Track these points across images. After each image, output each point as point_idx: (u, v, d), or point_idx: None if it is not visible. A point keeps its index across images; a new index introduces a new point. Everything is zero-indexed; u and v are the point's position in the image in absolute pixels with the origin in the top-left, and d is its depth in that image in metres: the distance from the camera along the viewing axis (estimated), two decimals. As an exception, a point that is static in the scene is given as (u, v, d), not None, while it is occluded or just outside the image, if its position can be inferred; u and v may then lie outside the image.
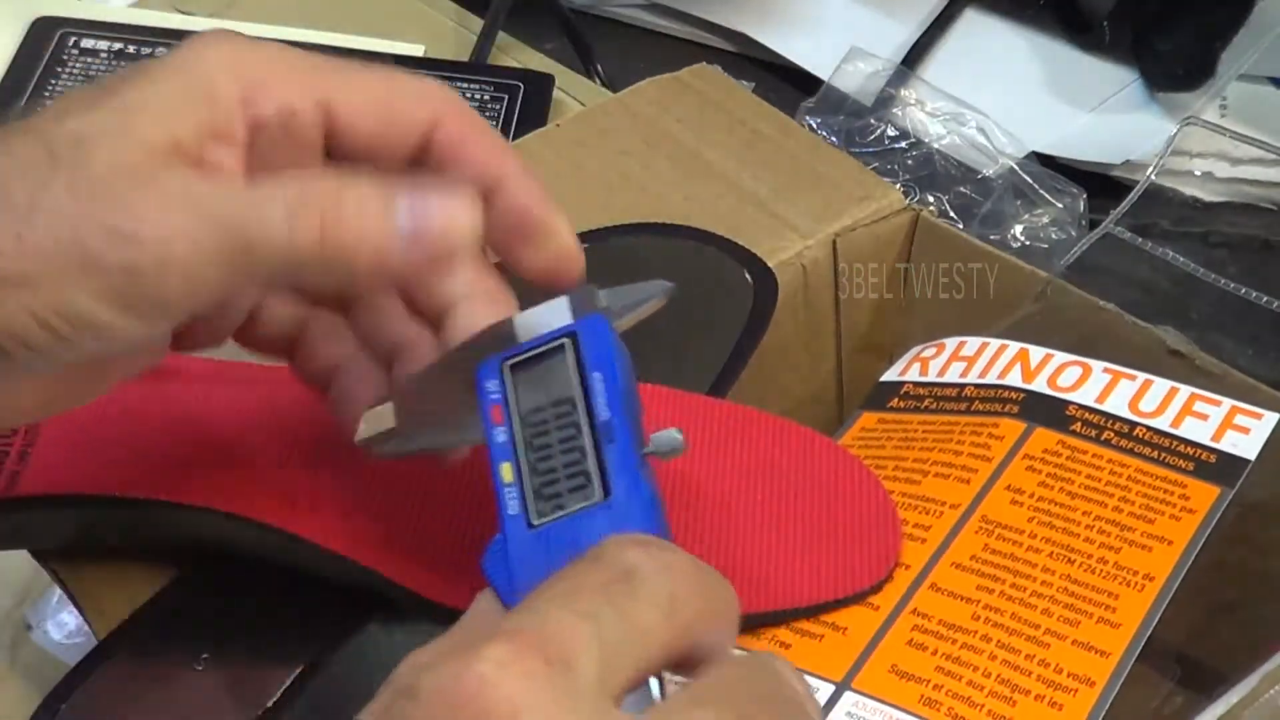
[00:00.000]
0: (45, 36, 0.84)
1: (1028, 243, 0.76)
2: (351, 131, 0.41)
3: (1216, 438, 0.48)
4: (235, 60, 0.40)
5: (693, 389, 0.51)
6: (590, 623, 0.30)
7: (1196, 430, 0.49)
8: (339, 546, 0.45)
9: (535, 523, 0.36)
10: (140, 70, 0.39)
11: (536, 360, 0.38)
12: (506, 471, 0.36)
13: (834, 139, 0.80)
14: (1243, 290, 0.69)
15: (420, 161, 0.42)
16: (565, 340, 0.38)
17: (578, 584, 0.31)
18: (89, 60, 0.83)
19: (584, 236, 0.57)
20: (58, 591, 0.56)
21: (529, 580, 0.34)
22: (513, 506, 0.36)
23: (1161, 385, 0.51)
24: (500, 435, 0.37)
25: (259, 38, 0.42)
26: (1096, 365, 0.52)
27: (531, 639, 0.30)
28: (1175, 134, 0.77)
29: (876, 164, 0.77)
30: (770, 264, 0.58)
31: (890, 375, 0.57)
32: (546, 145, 0.66)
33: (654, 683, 0.33)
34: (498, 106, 0.81)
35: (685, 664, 0.32)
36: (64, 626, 0.60)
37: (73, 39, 0.84)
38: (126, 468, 0.47)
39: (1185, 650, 0.49)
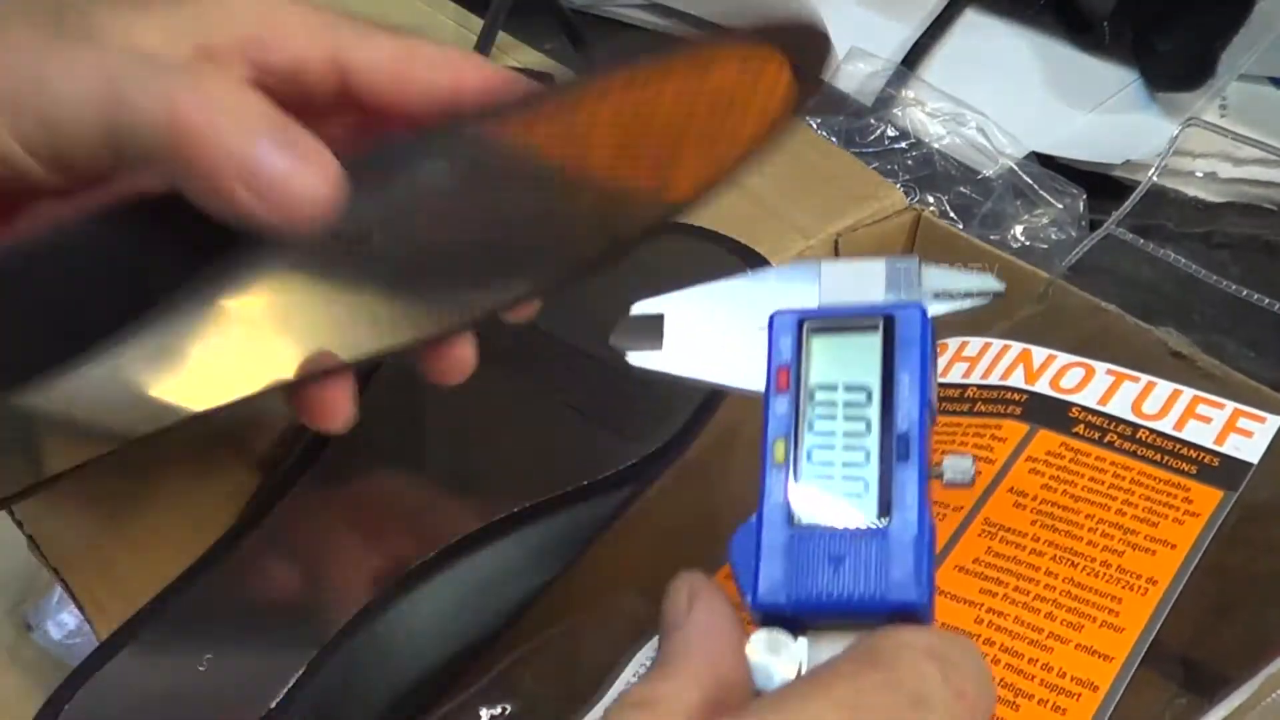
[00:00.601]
0: (44, 34, 0.84)
1: (1028, 243, 0.76)
2: (368, 91, 0.42)
3: (1219, 441, 0.48)
4: (252, 6, 0.41)
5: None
6: None
7: (1199, 433, 0.49)
8: None
9: (798, 520, 0.33)
10: None
11: (839, 330, 0.35)
12: (779, 450, 0.34)
13: (834, 139, 0.80)
14: (1244, 292, 0.69)
15: None
16: (879, 321, 0.35)
17: (864, 698, 0.29)
18: (88, 58, 0.83)
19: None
20: (58, 591, 0.56)
21: (773, 577, 0.32)
22: (777, 493, 0.33)
23: (1165, 388, 0.50)
24: (782, 405, 0.34)
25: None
26: (1100, 367, 0.52)
27: None
28: (1177, 135, 0.77)
29: (876, 164, 0.77)
30: (771, 263, 0.58)
31: (892, 376, 0.57)
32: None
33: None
34: (498, 106, 0.81)
35: None
36: (64, 626, 0.60)
37: (72, 37, 0.84)
38: None
39: (1188, 653, 0.49)
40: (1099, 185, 0.79)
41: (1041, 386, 0.52)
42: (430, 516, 0.48)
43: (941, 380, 0.55)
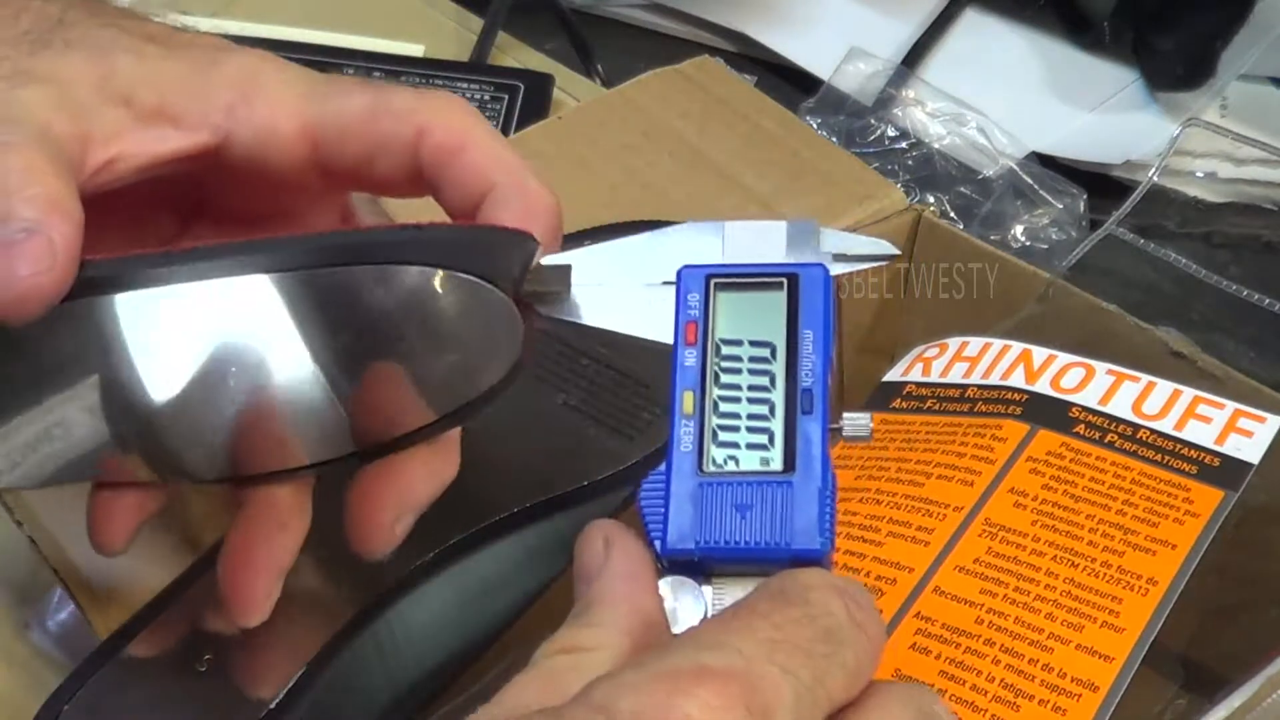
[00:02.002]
0: (44, 34, 0.84)
1: (1028, 243, 0.76)
2: (339, 153, 0.42)
3: (1220, 441, 0.48)
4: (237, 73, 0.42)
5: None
6: (792, 682, 0.30)
7: (1200, 433, 0.49)
8: None
9: (706, 469, 0.34)
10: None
11: (745, 287, 0.36)
12: (688, 401, 0.35)
13: (834, 139, 0.80)
14: (1244, 292, 0.69)
15: (420, 177, 0.42)
16: (783, 279, 0.36)
17: (783, 634, 0.31)
18: (88, 58, 0.83)
19: (586, 234, 0.58)
20: (58, 591, 0.56)
21: (682, 524, 0.33)
22: (686, 442, 0.34)
23: (1165, 387, 0.50)
24: (690, 358, 0.35)
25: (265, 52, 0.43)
26: (1100, 367, 0.52)
27: (739, 689, 0.29)
28: (1177, 135, 0.77)
29: (877, 164, 0.77)
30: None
31: (893, 375, 0.57)
32: (548, 139, 0.66)
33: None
34: (498, 106, 0.81)
35: None
36: (64, 626, 0.60)
37: (72, 37, 0.84)
38: None
39: (1188, 654, 0.49)
40: (1099, 185, 0.79)
41: (1042, 386, 0.52)
42: (430, 517, 0.48)
43: (941, 380, 0.55)
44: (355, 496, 0.43)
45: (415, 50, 0.86)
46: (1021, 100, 0.87)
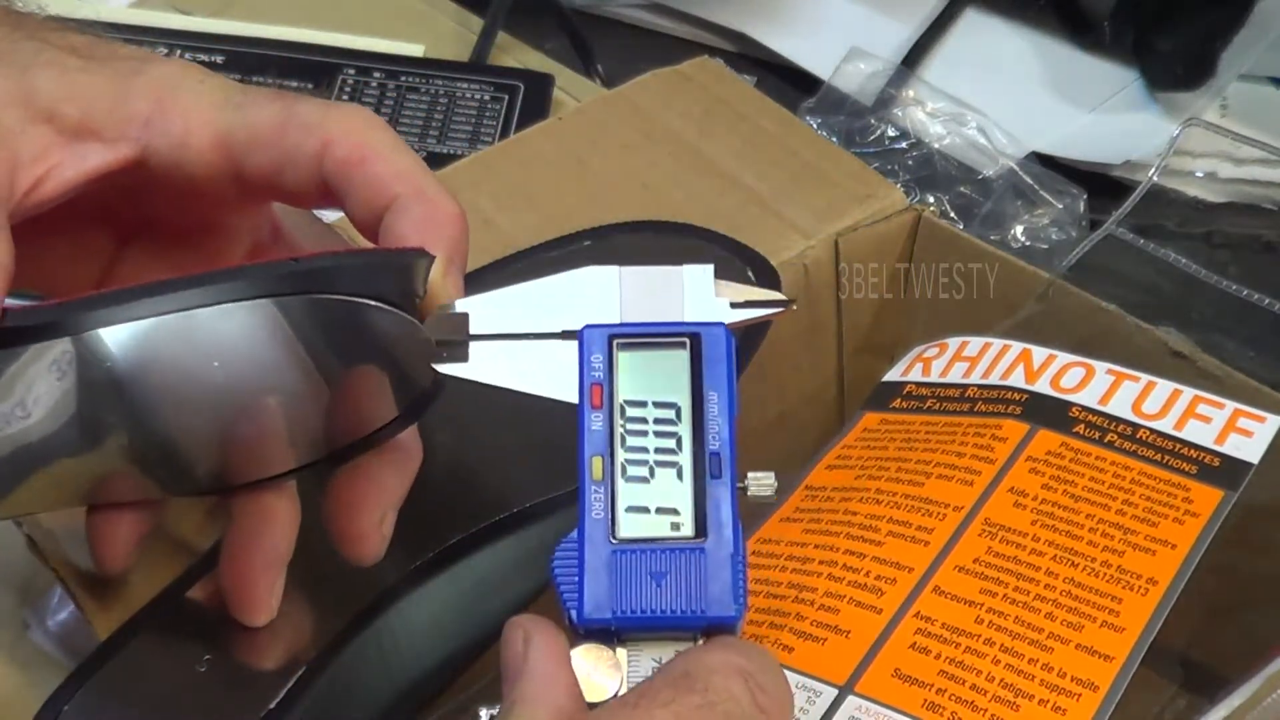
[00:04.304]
0: (44, 35, 0.84)
1: (1028, 243, 0.76)
2: (250, 163, 0.42)
3: (1220, 441, 0.48)
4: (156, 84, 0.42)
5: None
6: None
7: (1200, 433, 0.49)
8: None
9: (618, 537, 0.34)
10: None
11: (647, 347, 0.36)
12: (596, 466, 0.35)
13: (834, 139, 0.80)
14: (1244, 292, 0.68)
15: (328, 189, 0.42)
16: (686, 339, 0.36)
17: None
18: (88, 58, 0.83)
19: (586, 234, 0.58)
20: (58, 591, 0.56)
21: (597, 594, 0.34)
22: (597, 509, 0.34)
23: (1165, 387, 0.50)
24: (596, 421, 0.35)
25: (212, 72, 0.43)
26: (1100, 366, 0.52)
27: None
28: (1177, 135, 0.77)
29: (877, 164, 0.77)
30: (772, 264, 0.58)
31: (893, 375, 0.57)
32: (548, 139, 0.66)
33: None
34: (498, 106, 0.81)
35: None
36: (64, 626, 0.60)
37: (72, 37, 0.84)
38: None
39: (1188, 653, 0.49)
40: (1099, 185, 0.79)
41: (1042, 386, 0.52)
42: (430, 517, 0.48)
43: (941, 380, 0.55)
44: (334, 509, 0.43)
45: (415, 50, 0.86)
46: (1021, 100, 0.87)
